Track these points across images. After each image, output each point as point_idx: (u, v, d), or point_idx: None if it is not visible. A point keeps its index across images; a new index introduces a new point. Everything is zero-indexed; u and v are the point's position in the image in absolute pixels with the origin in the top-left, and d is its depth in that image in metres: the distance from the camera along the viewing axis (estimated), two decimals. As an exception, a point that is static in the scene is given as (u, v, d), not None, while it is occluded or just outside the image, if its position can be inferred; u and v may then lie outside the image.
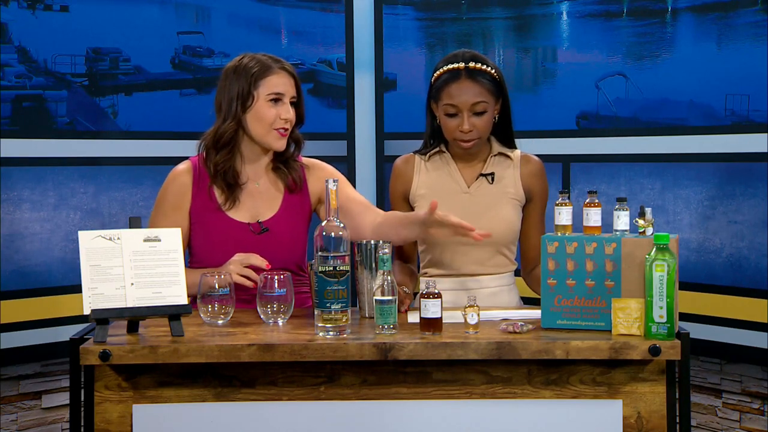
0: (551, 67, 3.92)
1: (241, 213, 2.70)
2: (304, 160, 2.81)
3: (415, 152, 2.88)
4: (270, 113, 2.66)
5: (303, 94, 2.75)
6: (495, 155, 2.83)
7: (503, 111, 2.80)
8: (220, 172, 2.68)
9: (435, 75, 2.79)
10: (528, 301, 2.95)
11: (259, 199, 2.72)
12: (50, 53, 3.56)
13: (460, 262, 2.79)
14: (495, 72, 2.76)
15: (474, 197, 2.80)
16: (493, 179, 2.80)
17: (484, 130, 2.75)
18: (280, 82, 2.68)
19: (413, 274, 2.87)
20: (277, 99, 2.67)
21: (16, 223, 3.48)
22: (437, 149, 2.84)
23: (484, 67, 2.74)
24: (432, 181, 2.83)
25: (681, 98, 3.61)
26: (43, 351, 3.54)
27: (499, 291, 2.80)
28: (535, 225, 2.83)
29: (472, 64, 2.74)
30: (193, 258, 2.71)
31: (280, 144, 2.69)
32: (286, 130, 2.68)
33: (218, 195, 2.70)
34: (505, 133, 2.84)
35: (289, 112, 2.68)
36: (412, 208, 2.86)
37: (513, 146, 2.86)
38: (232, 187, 2.69)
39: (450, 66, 2.75)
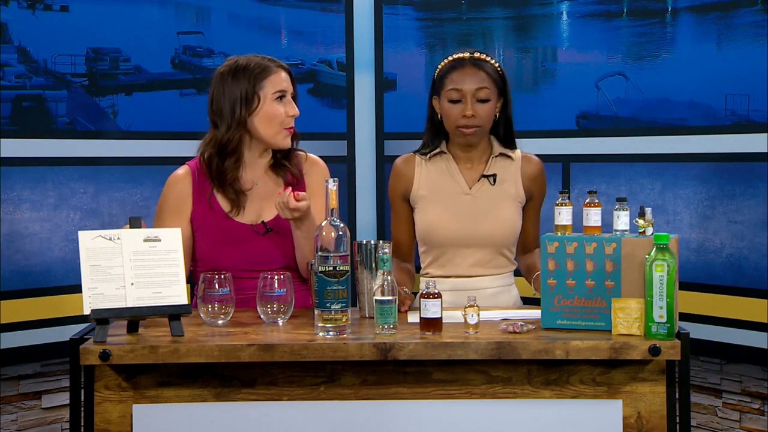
0: (551, 67, 3.91)
1: (245, 215, 2.69)
2: (307, 155, 2.81)
3: (415, 152, 2.88)
4: (279, 111, 2.65)
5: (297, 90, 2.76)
6: (496, 156, 2.83)
7: (504, 110, 2.80)
8: (229, 181, 2.67)
9: (438, 68, 2.81)
10: (528, 301, 2.95)
11: (260, 200, 2.71)
12: (50, 53, 3.56)
13: (460, 263, 2.79)
14: (498, 66, 2.78)
15: (475, 199, 2.80)
16: (494, 181, 2.80)
17: (486, 119, 2.75)
18: (281, 80, 2.67)
19: (410, 274, 2.87)
20: (282, 97, 2.67)
21: (16, 223, 3.48)
22: (438, 150, 2.84)
23: (489, 58, 2.77)
24: (433, 182, 2.83)
25: (681, 98, 3.61)
26: (43, 351, 3.54)
27: (499, 291, 2.80)
28: (532, 218, 2.86)
29: (476, 54, 2.77)
30: (197, 262, 2.70)
31: (288, 142, 2.70)
32: (292, 127, 2.69)
33: (222, 202, 2.68)
34: (506, 133, 2.84)
35: (295, 109, 2.68)
36: (412, 209, 2.86)
37: (513, 146, 2.86)
38: (239, 194, 2.68)
39: (454, 56, 2.79)
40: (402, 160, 2.89)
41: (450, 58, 2.79)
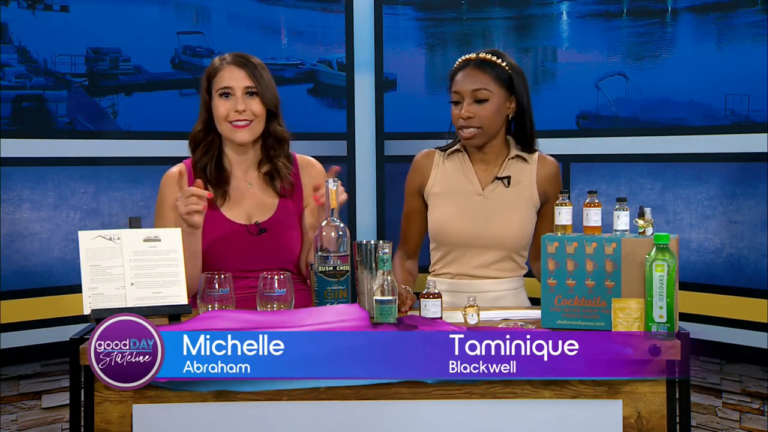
0: (551, 67, 3.91)
1: (237, 214, 2.70)
2: (298, 157, 2.81)
3: (437, 148, 2.88)
4: (221, 109, 2.68)
5: (265, 81, 2.70)
6: (512, 158, 2.81)
7: (519, 110, 2.78)
8: (200, 169, 2.71)
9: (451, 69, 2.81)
10: (534, 302, 2.94)
11: (254, 200, 2.72)
12: (50, 53, 3.56)
13: (466, 262, 2.78)
14: (507, 66, 2.75)
15: (488, 200, 2.79)
16: (508, 183, 2.79)
17: (486, 121, 2.73)
18: (227, 77, 2.69)
19: (412, 274, 2.86)
20: (226, 93, 2.68)
21: (16, 223, 3.48)
22: (456, 147, 2.83)
23: (496, 59, 2.74)
24: (447, 180, 2.82)
25: (681, 98, 3.61)
26: (43, 351, 3.54)
27: (504, 295, 2.78)
28: (545, 224, 2.80)
29: (483, 55, 2.74)
30: None
31: (240, 136, 2.68)
32: (240, 122, 2.67)
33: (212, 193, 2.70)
34: (522, 133, 2.81)
35: (240, 105, 2.66)
36: (425, 205, 2.85)
37: (532, 148, 2.83)
38: (220, 182, 2.70)
39: (463, 57, 2.78)
40: (421, 154, 2.89)
41: (459, 60, 2.79)
